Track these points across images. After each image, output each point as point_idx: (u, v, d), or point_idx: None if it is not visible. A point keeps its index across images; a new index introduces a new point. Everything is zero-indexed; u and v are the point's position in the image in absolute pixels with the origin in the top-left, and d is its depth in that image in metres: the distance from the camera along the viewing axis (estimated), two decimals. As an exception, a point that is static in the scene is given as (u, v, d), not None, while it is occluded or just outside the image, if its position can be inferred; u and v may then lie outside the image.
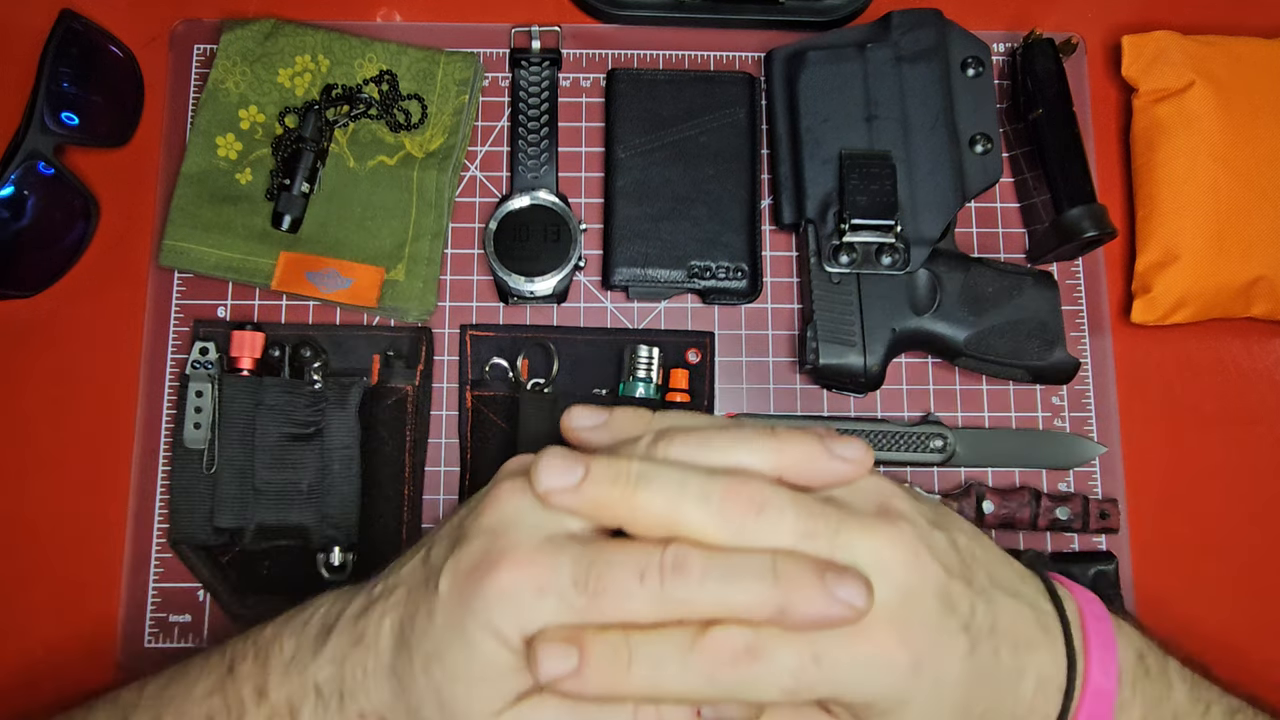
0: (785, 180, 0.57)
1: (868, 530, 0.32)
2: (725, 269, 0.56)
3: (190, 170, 0.55)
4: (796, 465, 0.33)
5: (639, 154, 0.57)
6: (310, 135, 0.55)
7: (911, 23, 0.56)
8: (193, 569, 0.52)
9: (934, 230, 0.54)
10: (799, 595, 0.30)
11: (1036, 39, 0.57)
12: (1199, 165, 0.55)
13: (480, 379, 0.55)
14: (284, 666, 0.36)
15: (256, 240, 0.55)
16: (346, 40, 0.57)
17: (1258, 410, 0.57)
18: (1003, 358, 0.53)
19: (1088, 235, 0.53)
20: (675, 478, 0.32)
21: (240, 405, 0.51)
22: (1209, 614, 0.54)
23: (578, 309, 0.57)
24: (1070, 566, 0.53)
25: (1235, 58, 0.57)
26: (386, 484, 0.53)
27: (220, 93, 0.56)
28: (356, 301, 0.54)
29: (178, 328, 0.55)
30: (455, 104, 0.57)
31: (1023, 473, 0.56)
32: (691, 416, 0.38)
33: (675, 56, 0.60)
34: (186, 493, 0.51)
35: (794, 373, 0.57)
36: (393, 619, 0.34)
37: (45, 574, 0.53)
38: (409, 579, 0.35)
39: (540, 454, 0.32)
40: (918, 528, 0.33)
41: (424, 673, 0.32)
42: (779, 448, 0.33)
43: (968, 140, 0.55)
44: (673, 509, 0.31)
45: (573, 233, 0.56)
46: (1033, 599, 0.35)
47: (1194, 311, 0.55)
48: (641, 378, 0.53)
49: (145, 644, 0.52)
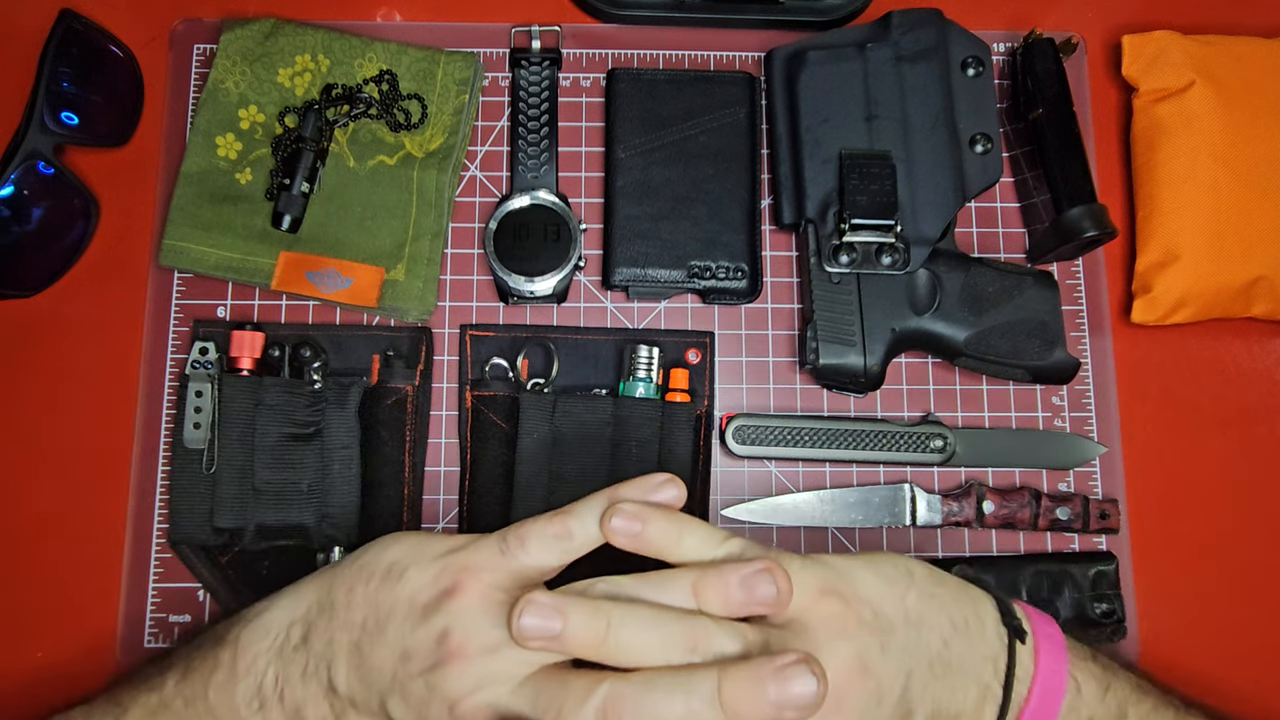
0: (785, 180, 0.57)
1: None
2: (725, 269, 0.56)
3: (190, 170, 0.55)
4: (717, 602, 0.36)
5: (639, 154, 0.57)
6: (310, 135, 0.55)
7: (911, 22, 0.56)
8: (192, 569, 0.52)
9: (934, 230, 0.54)
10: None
11: (1036, 39, 0.57)
12: (1199, 165, 0.55)
13: (480, 379, 0.55)
14: None
15: (256, 240, 0.55)
16: (346, 40, 0.57)
17: (1258, 410, 0.57)
18: (1003, 358, 0.53)
19: (1088, 235, 0.53)
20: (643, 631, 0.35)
21: (240, 405, 0.51)
22: (1209, 613, 0.54)
23: (578, 309, 0.57)
24: (1070, 566, 0.53)
25: (1235, 57, 0.57)
26: (386, 484, 0.53)
27: (220, 92, 0.56)
28: (356, 301, 0.54)
29: (177, 327, 0.55)
30: (455, 104, 0.57)
31: (1023, 473, 0.56)
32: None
33: (675, 56, 0.60)
34: (186, 493, 0.51)
35: (794, 372, 0.57)
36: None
37: (45, 574, 0.53)
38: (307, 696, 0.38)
39: (521, 603, 0.35)
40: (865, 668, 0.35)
41: None
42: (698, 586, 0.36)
43: (968, 140, 0.55)
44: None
45: (573, 232, 0.56)
46: (977, 672, 0.37)
47: (1194, 311, 0.55)
48: (641, 377, 0.53)
49: (145, 644, 0.52)
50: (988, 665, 0.37)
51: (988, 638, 0.38)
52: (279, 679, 0.38)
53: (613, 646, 0.34)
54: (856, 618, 0.36)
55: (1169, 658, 0.53)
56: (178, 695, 0.40)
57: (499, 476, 0.53)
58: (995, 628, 0.38)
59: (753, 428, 0.54)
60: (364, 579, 0.39)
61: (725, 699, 0.32)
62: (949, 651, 0.37)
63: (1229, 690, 0.47)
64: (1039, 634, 0.39)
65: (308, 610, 0.39)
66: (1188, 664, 0.52)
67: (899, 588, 0.38)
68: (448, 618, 0.36)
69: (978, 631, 0.38)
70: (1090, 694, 0.38)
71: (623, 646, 0.34)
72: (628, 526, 0.37)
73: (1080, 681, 0.38)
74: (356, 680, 0.37)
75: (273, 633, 0.39)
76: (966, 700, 0.37)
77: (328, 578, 0.40)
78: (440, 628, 0.36)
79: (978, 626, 0.38)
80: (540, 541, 0.37)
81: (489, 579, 0.37)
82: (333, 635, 0.38)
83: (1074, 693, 0.38)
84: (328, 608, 0.39)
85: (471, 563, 0.37)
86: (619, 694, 0.33)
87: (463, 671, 0.35)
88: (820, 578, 0.37)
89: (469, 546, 0.38)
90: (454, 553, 0.38)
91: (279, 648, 0.39)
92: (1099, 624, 0.53)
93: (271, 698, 0.38)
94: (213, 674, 0.39)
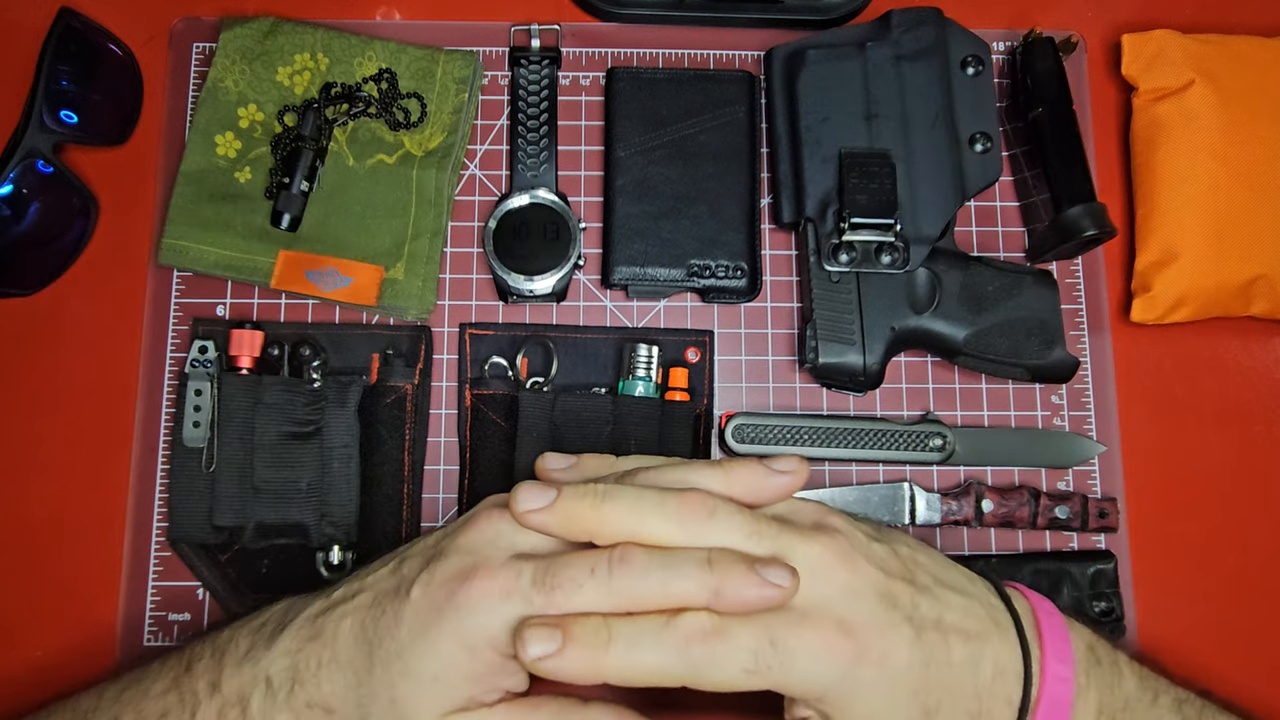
0: (785, 179, 0.57)
1: (806, 538, 0.36)
2: (725, 268, 0.56)
3: (189, 169, 0.55)
4: (743, 483, 0.38)
5: (638, 152, 0.57)
6: (309, 134, 0.55)
7: (911, 21, 0.56)
8: (192, 568, 0.52)
9: (933, 229, 0.54)
10: (731, 580, 0.34)
11: (1036, 38, 0.57)
12: (1199, 164, 0.55)
13: (479, 377, 0.55)
14: (238, 660, 0.39)
15: (256, 239, 0.55)
16: (346, 38, 0.57)
17: (1256, 409, 0.57)
18: (1002, 356, 0.53)
19: (1087, 234, 0.53)
20: (636, 492, 0.36)
21: (239, 404, 0.51)
22: (1208, 613, 0.54)
23: (577, 307, 0.57)
24: (1069, 565, 0.53)
25: (1235, 56, 0.57)
26: (386, 482, 0.53)
27: (219, 91, 0.56)
28: (356, 300, 0.54)
29: (177, 326, 0.55)
30: (455, 102, 0.57)
31: (1022, 471, 0.56)
32: (653, 459, 0.41)
33: (675, 55, 0.60)
34: (186, 491, 0.51)
35: (793, 371, 0.57)
36: (354, 619, 0.37)
37: (44, 572, 0.53)
38: (375, 585, 0.38)
39: (516, 487, 0.37)
40: (853, 540, 0.37)
41: (382, 670, 0.35)
42: (726, 470, 0.38)
43: (967, 139, 0.55)
44: (634, 518, 0.35)
45: (572, 231, 0.56)
46: (982, 596, 0.38)
47: (1193, 310, 0.56)
48: (641, 376, 0.53)
49: (144, 643, 0.52)
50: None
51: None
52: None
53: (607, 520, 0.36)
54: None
55: (1167, 656, 0.53)
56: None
57: (498, 475, 0.53)
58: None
59: (752, 426, 0.54)
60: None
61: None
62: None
63: (1228, 688, 0.47)
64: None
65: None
66: (1186, 662, 0.52)
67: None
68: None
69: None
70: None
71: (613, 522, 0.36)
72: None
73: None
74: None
75: None
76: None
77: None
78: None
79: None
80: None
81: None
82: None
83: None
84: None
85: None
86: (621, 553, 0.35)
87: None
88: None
89: None
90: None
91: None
92: (1098, 622, 0.53)
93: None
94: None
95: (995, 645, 0.37)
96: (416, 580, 0.36)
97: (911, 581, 0.37)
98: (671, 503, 0.35)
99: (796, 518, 0.38)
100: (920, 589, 0.37)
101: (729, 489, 0.38)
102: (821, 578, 0.35)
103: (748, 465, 0.38)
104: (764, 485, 0.38)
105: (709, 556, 0.34)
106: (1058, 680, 0.36)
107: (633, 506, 0.35)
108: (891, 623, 0.35)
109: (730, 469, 0.38)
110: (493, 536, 0.37)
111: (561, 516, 0.36)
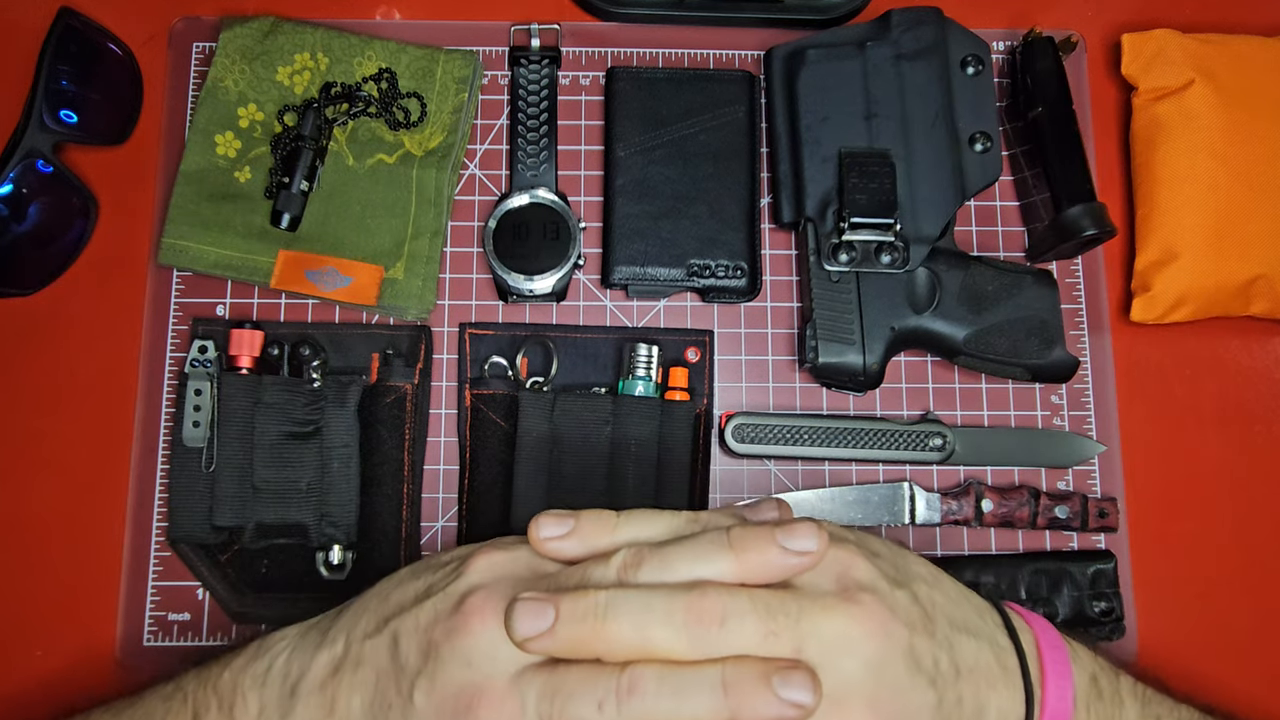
0: (785, 179, 0.57)
1: (830, 612, 0.34)
2: (725, 267, 0.56)
3: (189, 168, 0.55)
4: (754, 570, 0.35)
5: (638, 152, 0.57)
6: (309, 133, 0.55)
7: (911, 21, 0.56)
8: (192, 567, 0.52)
9: (933, 228, 0.54)
10: (747, 704, 0.32)
11: (1036, 37, 0.57)
12: (1198, 164, 0.55)
13: (479, 377, 0.55)
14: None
15: (255, 238, 0.55)
16: (346, 38, 0.57)
17: (1256, 409, 0.57)
18: (1002, 356, 0.53)
19: (1087, 234, 0.53)
20: (640, 604, 0.33)
21: (239, 404, 0.51)
22: (1207, 611, 0.54)
23: (577, 307, 0.57)
24: (1069, 565, 0.53)
25: (1235, 56, 0.56)
26: (385, 482, 0.53)
27: (219, 91, 0.56)
28: (356, 300, 0.54)
29: (176, 326, 0.55)
30: (454, 102, 0.57)
31: (1022, 471, 0.56)
32: (652, 519, 0.38)
33: (675, 55, 0.60)
34: (185, 491, 0.51)
35: (793, 371, 0.57)
36: (363, 698, 0.37)
37: (44, 572, 0.53)
38: (374, 660, 0.37)
39: (511, 603, 0.34)
40: (880, 594, 0.35)
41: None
42: (736, 557, 0.35)
43: (967, 138, 0.55)
44: (640, 636, 0.33)
45: (572, 231, 0.56)
46: (991, 635, 0.38)
47: (1193, 310, 0.55)
48: (641, 376, 0.53)
49: (144, 642, 0.52)
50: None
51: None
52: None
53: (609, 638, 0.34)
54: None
55: (1167, 656, 0.53)
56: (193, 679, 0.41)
57: (498, 475, 0.53)
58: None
59: (752, 426, 0.54)
60: None
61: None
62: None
63: (1227, 688, 0.47)
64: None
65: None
66: (1186, 662, 0.52)
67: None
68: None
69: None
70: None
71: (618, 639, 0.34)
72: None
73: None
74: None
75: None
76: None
77: None
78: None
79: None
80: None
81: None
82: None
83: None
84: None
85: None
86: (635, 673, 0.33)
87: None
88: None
89: None
90: None
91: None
92: (1098, 622, 0.53)
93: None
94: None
95: (1001, 692, 0.37)
96: (417, 685, 0.35)
97: (933, 635, 0.36)
98: (679, 613, 0.33)
99: (817, 579, 0.36)
100: (940, 642, 0.36)
101: (741, 574, 0.35)
102: (850, 654, 0.33)
103: (760, 543, 0.35)
104: (779, 568, 0.35)
105: (723, 677, 0.32)
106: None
107: (637, 623, 0.33)
108: (917, 689, 0.34)
109: (741, 550, 0.35)
110: (489, 649, 0.35)
111: (563, 642, 0.33)
